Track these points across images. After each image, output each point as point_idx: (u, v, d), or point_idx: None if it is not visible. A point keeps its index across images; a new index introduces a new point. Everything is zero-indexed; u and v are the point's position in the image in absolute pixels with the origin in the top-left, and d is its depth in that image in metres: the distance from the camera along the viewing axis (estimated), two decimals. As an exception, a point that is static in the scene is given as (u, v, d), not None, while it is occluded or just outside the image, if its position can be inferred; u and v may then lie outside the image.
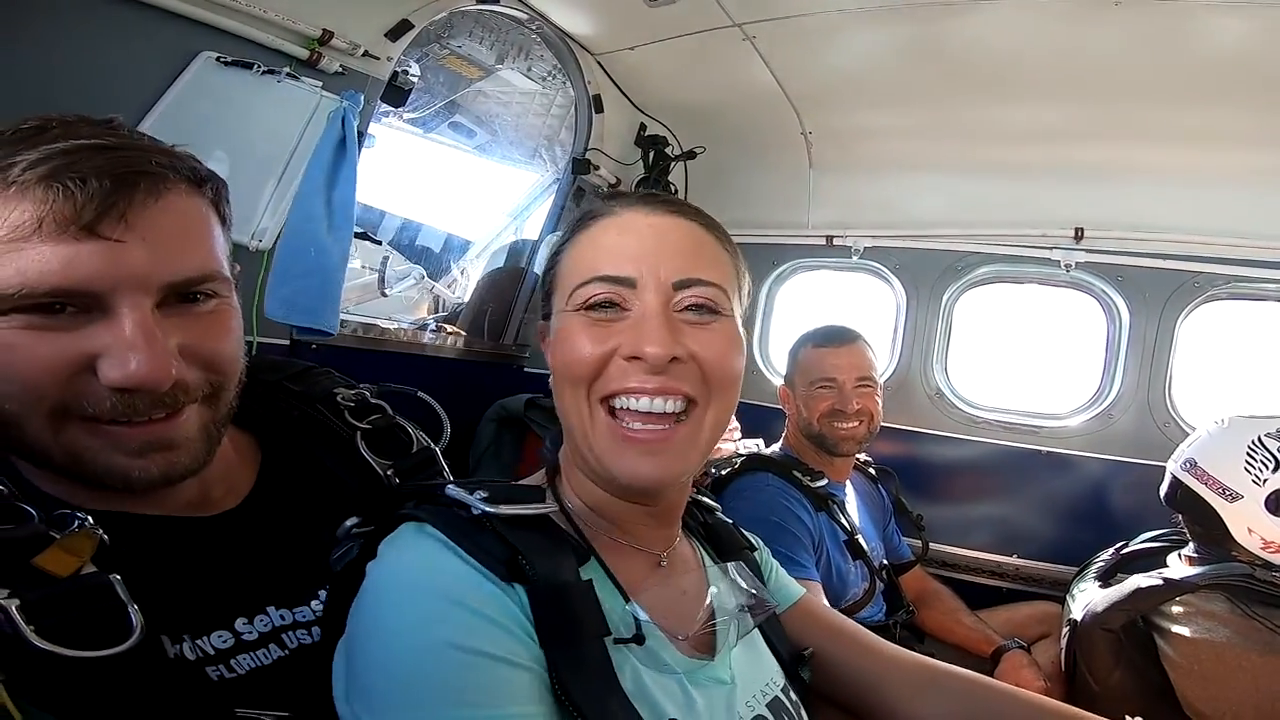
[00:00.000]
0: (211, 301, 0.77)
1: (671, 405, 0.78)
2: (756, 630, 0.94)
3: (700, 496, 1.08)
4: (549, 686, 0.67)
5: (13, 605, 0.58)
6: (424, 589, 0.67)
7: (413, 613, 0.66)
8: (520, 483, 0.82)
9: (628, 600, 0.77)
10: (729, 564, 0.95)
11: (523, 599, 0.69)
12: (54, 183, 0.65)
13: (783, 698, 0.89)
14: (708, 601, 0.88)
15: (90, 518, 0.67)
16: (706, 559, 0.97)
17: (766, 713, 0.85)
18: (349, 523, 0.79)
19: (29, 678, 0.58)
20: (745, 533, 1.10)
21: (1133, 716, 1.51)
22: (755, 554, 1.08)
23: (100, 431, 0.70)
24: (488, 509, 0.71)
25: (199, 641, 0.75)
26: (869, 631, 1.08)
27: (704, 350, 0.79)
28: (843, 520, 1.97)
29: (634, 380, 0.77)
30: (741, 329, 0.86)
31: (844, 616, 1.12)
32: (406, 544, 0.71)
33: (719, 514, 1.08)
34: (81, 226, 0.65)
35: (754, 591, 0.92)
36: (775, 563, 1.12)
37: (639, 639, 0.74)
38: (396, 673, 0.64)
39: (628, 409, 0.78)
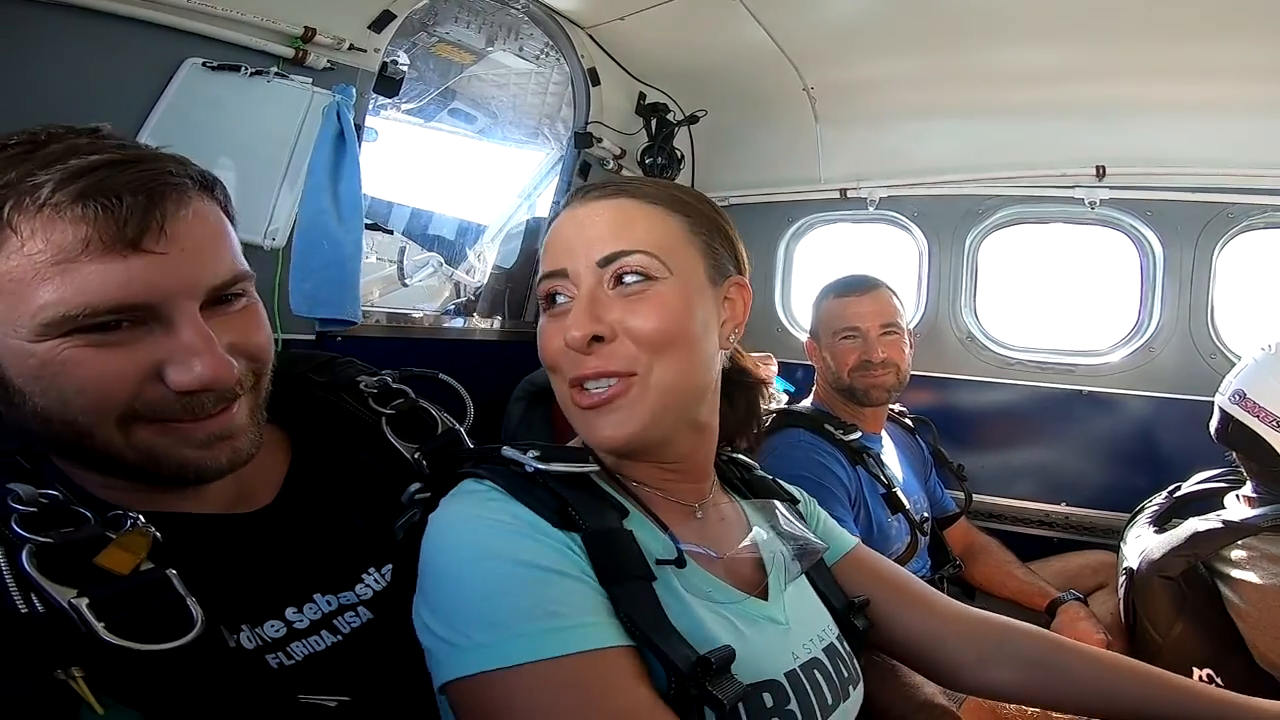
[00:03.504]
0: (242, 300, 0.80)
1: (606, 387, 0.82)
2: (807, 579, 0.96)
3: (736, 455, 1.10)
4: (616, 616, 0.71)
5: (84, 604, 0.62)
6: (489, 520, 0.73)
7: (482, 539, 0.72)
8: (566, 445, 0.88)
9: (671, 537, 0.83)
10: (772, 500, 0.99)
11: (577, 544, 0.74)
12: (90, 202, 0.66)
13: (838, 644, 0.91)
14: (749, 538, 0.92)
15: (142, 517, 0.71)
16: (748, 511, 1.00)
17: (823, 656, 0.87)
18: (412, 488, 0.85)
19: (104, 673, 0.61)
20: (787, 486, 1.12)
21: (1200, 668, 1.48)
22: (799, 506, 1.09)
23: (168, 430, 0.74)
24: (540, 466, 0.78)
25: (257, 630, 0.77)
26: (925, 584, 1.08)
27: (629, 320, 0.82)
28: (880, 473, 1.93)
29: (579, 367, 0.83)
30: (703, 284, 0.88)
31: (899, 567, 1.11)
32: (466, 491, 0.78)
33: (757, 471, 1.10)
34: (127, 243, 0.68)
35: (799, 530, 0.95)
36: (823, 513, 1.13)
37: (680, 561, 0.80)
38: (475, 594, 0.69)
39: (587, 388, 0.84)
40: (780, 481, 1.11)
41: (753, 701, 0.73)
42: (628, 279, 0.83)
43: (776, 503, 0.99)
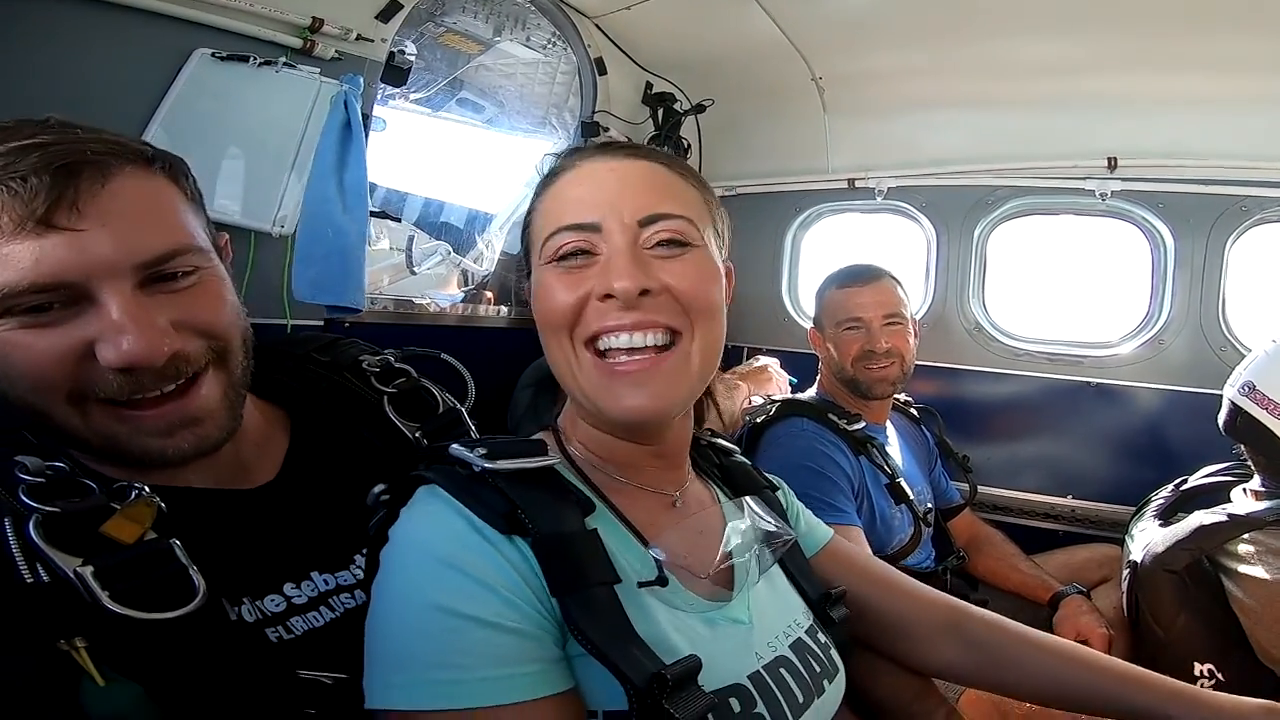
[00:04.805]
0: (191, 276, 0.78)
1: (652, 338, 0.80)
2: (780, 570, 0.95)
3: (717, 439, 1.09)
4: (556, 640, 0.70)
5: (88, 572, 0.63)
6: (421, 553, 0.70)
7: (407, 577, 0.70)
8: (526, 438, 0.84)
9: (647, 545, 0.80)
10: (744, 498, 0.95)
11: (526, 551, 0.71)
12: None
13: (806, 639, 0.89)
14: (724, 543, 0.89)
15: (147, 487, 0.72)
16: (722, 497, 0.98)
17: (789, 653, 0.85)
18: (376, 489, 0.82)
19: (107, 643, 0.62)
20: (766, 474, 1.11)
21: (1202, 662, 1.48)
22: (777, 494, 1.08)
23: (124, 417, 0.74)
24: (487, 465, 0.73)
25: (258, 603, 0.78)
26: (901, 573, 1.09)
27: (676, 280, 0.81)
28: (884, 463, 1.92)
29: (611, 319, 0.79)
30: (719, 261, 0.88)
31: (874, 557, 1.12)
32: (416, 508, 0.75)
33: (736, 456, 1.09)
34: (37, 221, 0.67)
35: (770, 525, 0.92)
36: (800, 505, 1.13)
37: (662, 580, 0.76)
38: (392, 634, 0.69)
39: (612, 348, 0.80)
40: (760, 470, 1.10)
41: (720, 710, 0.72)
42: (668, 243, 0.82)
43: (748, 499, 0.96)
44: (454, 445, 0.76)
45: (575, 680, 0.70)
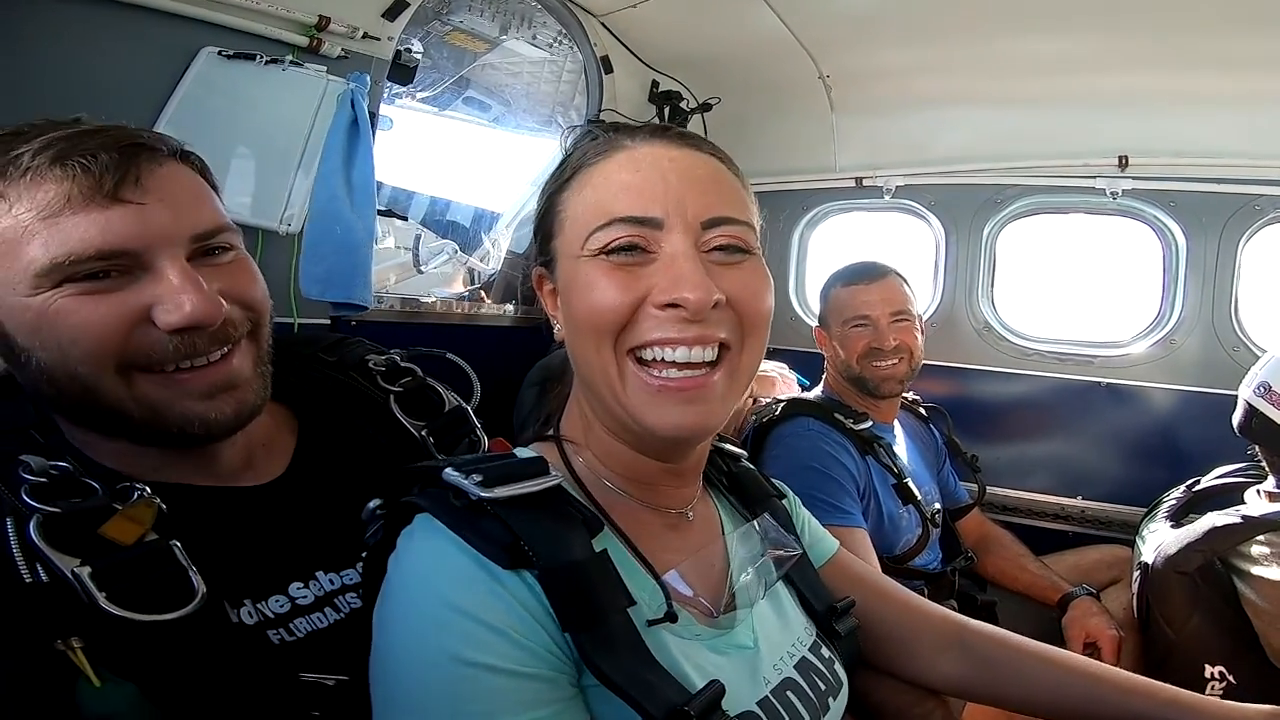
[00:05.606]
0: (230, 253, 0.84)
1: (710, 354, 0.74)
2: (784, 588, 0.93)
3: (723, 444, 1.05)
4: (572, 678, 0.67)
5: (85, 573, 0.64)
6: (427, 596, 0.66)
7: (415, 622, 0.66)
8: (520, 456, 0.78)
9: (655, 576, 0.76)
10: (752, 524, 0.91)
11: (533, 585, 0.67)
12: (69, 161, 0.72)
13: (810, 656, 0.87)
14: (732, 567, 0.86)
15: (149, 488, 0.73)
16: (727, 523, 0.94)
17: (795, 675, 0.83)
18: (371, 504, 0.79)
19: (104, 645, 0.63)
20: (774, 481, 1.08)
21: (1213, 665, 1.46)
22: (784, 502, 1.05)
23: (169, 382, 0.77)
24: (483, 494, 0.68)
25: (259, 605, 0.78)
26: (902, 587, 1.08)
27: (739, 291, 0.74)
28: (891, 463, 1.90)
29: (672, 330, 0.72)
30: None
31: (875, 570, 1.11)
32: (416, 541, 0.70)
33: (743, 461, 1.05)
34: (105, 194, 0.72)
35: (779, 547, 0.88)
36: (807, 514, 1.10)
37: (672, 617, 0.72)
38: (402, 682, 0.65)
39: (660, 360, 0.73)
40: (768, 477, 1.07)
41: None
42: (728, 249, 0.75)
43: (755, 524, 0.91)
44: (447, 470, 0.70)
45: (591, 713, 0.67)
